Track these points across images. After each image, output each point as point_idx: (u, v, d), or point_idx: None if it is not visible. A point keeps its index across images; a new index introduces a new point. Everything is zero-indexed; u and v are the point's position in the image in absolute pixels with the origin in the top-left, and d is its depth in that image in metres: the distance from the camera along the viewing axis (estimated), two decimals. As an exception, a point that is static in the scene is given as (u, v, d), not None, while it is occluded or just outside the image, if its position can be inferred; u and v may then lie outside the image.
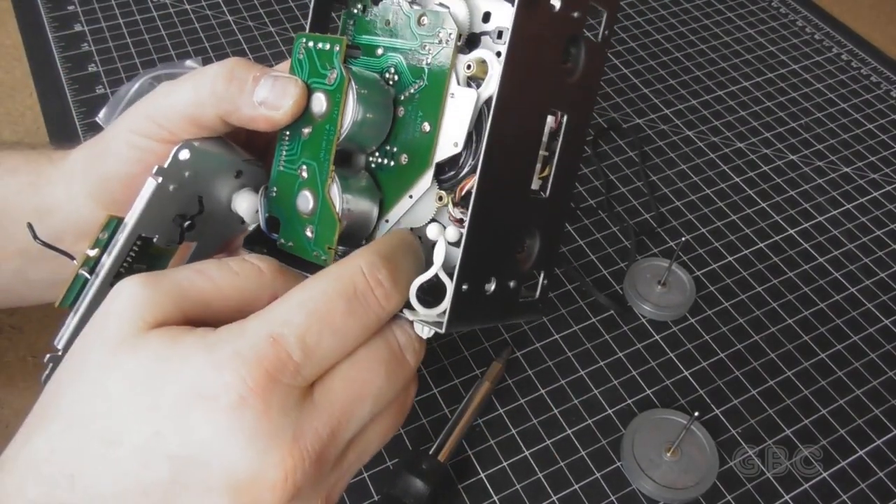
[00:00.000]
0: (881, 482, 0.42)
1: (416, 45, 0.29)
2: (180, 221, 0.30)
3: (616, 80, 0.65)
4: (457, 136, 0.28)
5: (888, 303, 0.50)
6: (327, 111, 0.29)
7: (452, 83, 0.28)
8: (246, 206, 0.31)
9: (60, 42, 0.63)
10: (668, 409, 0.43)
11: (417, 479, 0.37)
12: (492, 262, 0.28)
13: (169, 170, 0.29)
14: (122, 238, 0.29)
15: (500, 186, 0.28)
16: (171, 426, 0.23)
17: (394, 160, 0.30)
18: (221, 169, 0.31)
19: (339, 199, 0.29)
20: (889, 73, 0.67)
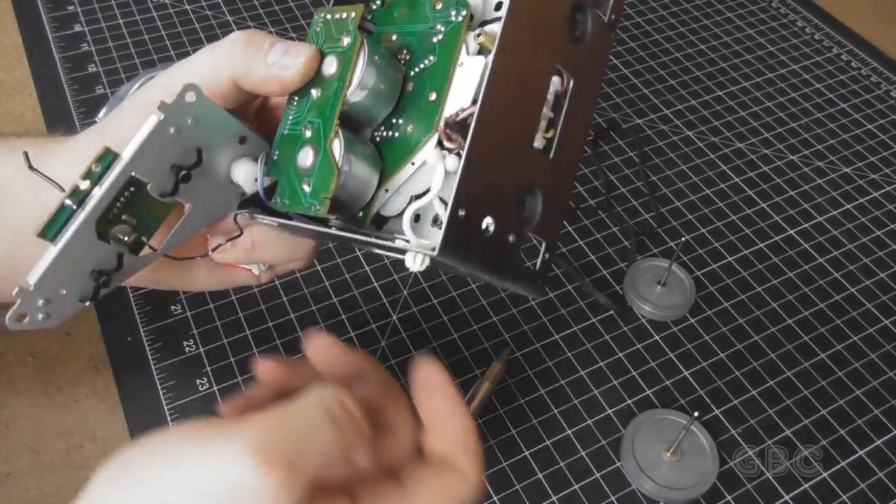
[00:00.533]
0: (881, 482, 0.42)
1: (429, 26, 0.30)
2: (177, 170, 0.30)
3: (616, 80, 0.65)
4: (463, 100, 0.28)
5: (888, 303, 0.50)
6: (338, 71, 0.30)
7: (462, 53, 0.29)
8: (244, 173, 0.31)
9: (60, 42, 0.63)
10: (668, 410, 0.43)
11: (417, 480, 0.37)
12: (490, 198, 0.28)
13: (172, 107, 0.29)
14: (116, 172, 0.29)
15: (501, 123, 0.28)
16: None
17: (398, 131, 0.30)
18: (225, 128, 0.31)
19: (341, 152, 0.29)
20: (889, 73, 0.67)
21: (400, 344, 0.46)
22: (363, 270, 0.49)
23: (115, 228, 0.30)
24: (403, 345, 0.45)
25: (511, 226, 0.29)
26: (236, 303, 0.47)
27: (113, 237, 0.30)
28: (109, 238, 0.30)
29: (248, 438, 0.22)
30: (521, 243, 0.30)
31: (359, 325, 0.46)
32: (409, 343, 0.46)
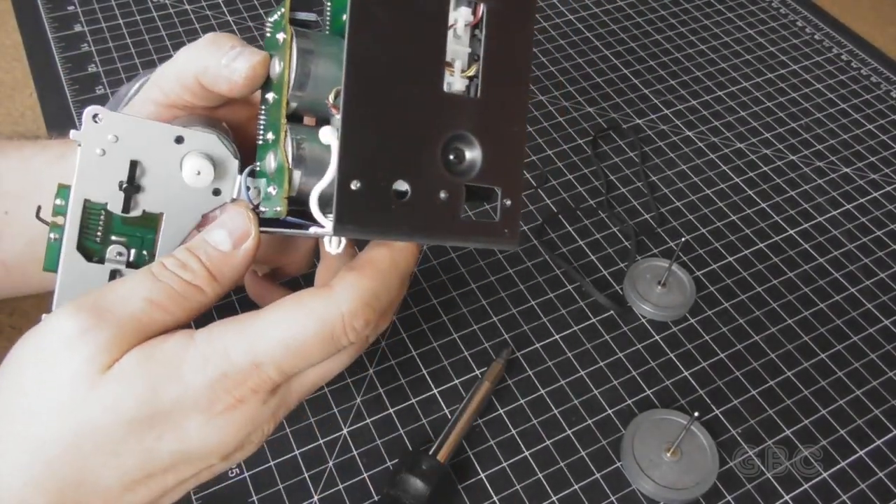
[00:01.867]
0: (881, 482, 0.42)
1: None
2: (121, 186, 0.31)
3: (616, 80, 0.65)
4: None
5: (888, 303, 0.50)
6: (280, 71, 0.29)
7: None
8: (187, 167, 0.31)
9: (60, 42, 0.63)
10: (668, 410, 0.43)
11: (417, 479, 0.37)
12: (396, 162, 0.26)
13: (85, 133, 0.29)
14: (71, 203, 0.30)
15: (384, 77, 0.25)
16: (170, 428, 0.27)
17: None
18: (152, 134, 0.31)
19: (291, 147, 0.28)
20: (889, 74, 0.67)
21: (400, 344, 0.46)
22: (363, 270, 0.49)
23: (108, 250, 0.32)
24: (403, 345, 0.46)
25: (440, 183, 0.26)
26: (236, 303, 0.47)
27: (109, 259, 0.32)
28: (104, 260, 0.32)
29: (70, 304, 0.27)
30: (458, 198, 0.27)
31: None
32: (409, 343, 0.46)
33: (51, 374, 0.27)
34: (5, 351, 0.46)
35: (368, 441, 0.41)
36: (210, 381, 0.27)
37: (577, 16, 0.71)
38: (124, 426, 0.26)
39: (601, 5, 0.72)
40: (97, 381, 0.26)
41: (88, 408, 0.26)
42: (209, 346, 0.28)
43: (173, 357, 0.27)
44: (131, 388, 0.26)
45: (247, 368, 0.27)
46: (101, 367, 0.26)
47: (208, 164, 0.31)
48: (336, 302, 0.28)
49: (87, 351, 0.26)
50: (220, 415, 0.27)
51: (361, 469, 0.40)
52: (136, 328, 0.27)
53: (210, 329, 0.28)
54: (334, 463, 0.41)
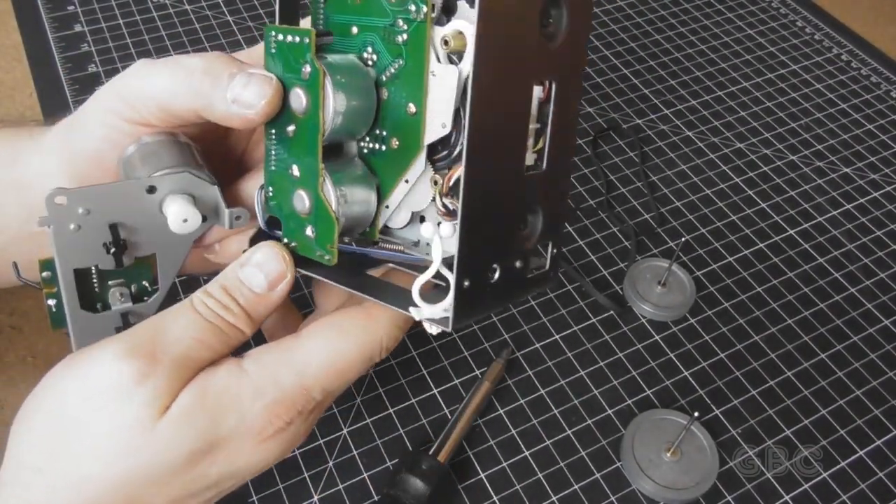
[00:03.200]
0: (881, 482, 0.42)
1: (390, 22, 0.28)
2: (107, 249, 0.30)
3: (616, 80, 0.65)
4: (444, 117, 0.27)
5: (888, 303, 0.50)
6: (307, 107, 0.28)
7: (432, 61, 0.27)
8: (171, 214, 0.30)
9: (60, 42, 0.63)
10: (668, 410, 0.43)
11: (417, 479, 0.37)
12: (493, 250, 0.27)
13: (53, 217, 0.29)
14: (60, 277, 0.30)
15: (491, 170, 0.26)
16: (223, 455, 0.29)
17: (385, 144, 0.29)
18: (123, 195, 0.30)
19: (335, 196, 0.29)
20: (889, 73, 0.67)
21: (400, 344, 0.45)
22: (363, 270, 0.49)
23: (109, 295, 0.32)
24: (404, 345, 0.45)
25: (516, 256, 0.28)
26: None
27: (112, 301, 0.32)
28: (109, 305, 0.32)
29: (116, 340, 0.28)
30: (528, 263, 0.29)
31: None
32: (409, 343, 0.46)
33: (108, 419, 0.27)
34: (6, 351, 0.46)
35: (368, 441, 0.41)
36: (264, 409, 0.29)
37: None
38: (182, 461, 0.28)
39: (601, 5, 0.72)
40: (157, 425, 0.27)
41: (149, 450, 0.27)
42: (261, 375, 0.29)
43: (228, 390, 0.29)
44: (192, 426, 0.28)
45: (297, 394, 0.29)
46: (160, 409, 0.27)
47: (193, 210, 0.30)
48: (376, 329, 0.30)
49: (145, 396, 0.27)
50: (270, 438, 0.29)
51: (361, 469, 0.40)
52: (188, 367, 0.28)
53: (257, 358, 0.30)
54: (334, 463, 0.41)
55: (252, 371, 0.29)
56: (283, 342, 0.30)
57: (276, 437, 0.30)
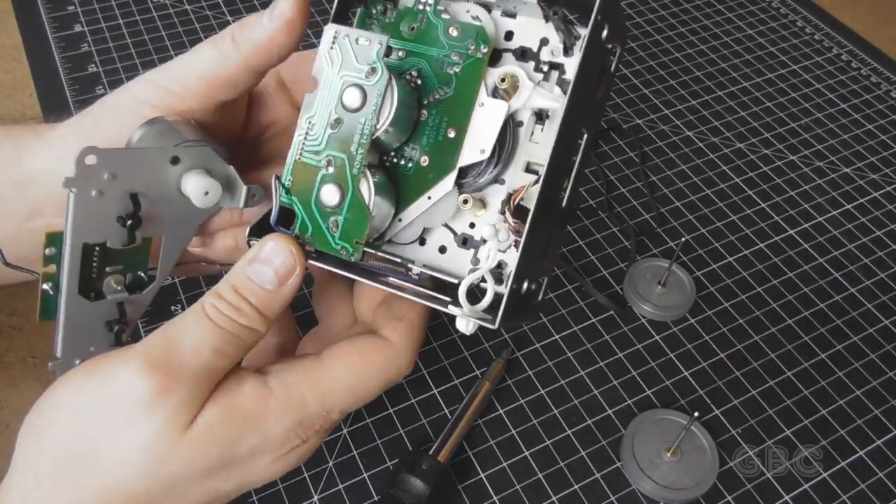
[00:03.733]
0: (881, 482, 0.42)
1: (444, 53, 0.30)
2: (123, 222, 0.30)
3: (616, 80, 0.65)
4: (484, 144, 0.30)
5: (888, 303, 0.50)
6: (362, 105, 0.29)
7: (482, 93, 0.30)
8: (192, 187, 0.30)
9: (60, 42, 0.63)
10: (668, 410, 0.43)
11: (417, 479, 0.37)
12: (533, 266, 0.30)
13: (78, 178, 0.28)
14: (68, 251, 0.29)
15: (549, 199, 0.29)
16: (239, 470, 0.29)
17: (412, 161, 0.31)
18: (148, 162, 0.30)
19: (371, 194, 0.30)
20: (889, 74, 0.67)
21: (400, 344, 0.46)
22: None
23: (105, 283, 0.31)
24: (403, 345, 0.45)
25: (536, 277, 0.30)
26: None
27: (107, 290, 0.31)
28: (104, 293, 0.31)
29: (134, 355, 0.28)
30: (541, 287, 0.31)
31: (359, 325, 0.46)
32: (409, 343, 0.46)
33: (134, 434, 0.27)
34: (6, 351, 0.46)
35: (368, 441, 0.41)
36: (286, 430, 0.30)
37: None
38: (202, 475, 0.28)
39: (601, 5, 0.72)
40: (181, 440, 0.28)
41: (174, 464, 0.28)
42: (287, 396, 0.30)
43: (254, 409, 0.29)
44: (216, 443, 0.28)
45: (318, 416, 0.30)
46: (184, 425, 0.28)
47: (213, 182, 0.30)
48: (397, 357, 0.32)
49: (167, 412, 0.27)
50: (287, 454, 0.30)
51: (361, 469, 0.40)
52: (209, 378, 0.29)
53: (282, 377, 0.30)
54: (334, 463, 0.41)
55: (277, 391, 0.29)
56: (306, 363, 0.31)
57: (293, 453, 0.31)
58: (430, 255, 0.33)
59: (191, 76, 0.31)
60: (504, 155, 0.30)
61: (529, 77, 0.30)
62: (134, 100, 0.32)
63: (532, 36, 0.31)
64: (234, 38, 0.31)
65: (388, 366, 0.31)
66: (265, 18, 0.31)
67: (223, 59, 0.31)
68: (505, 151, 0.30)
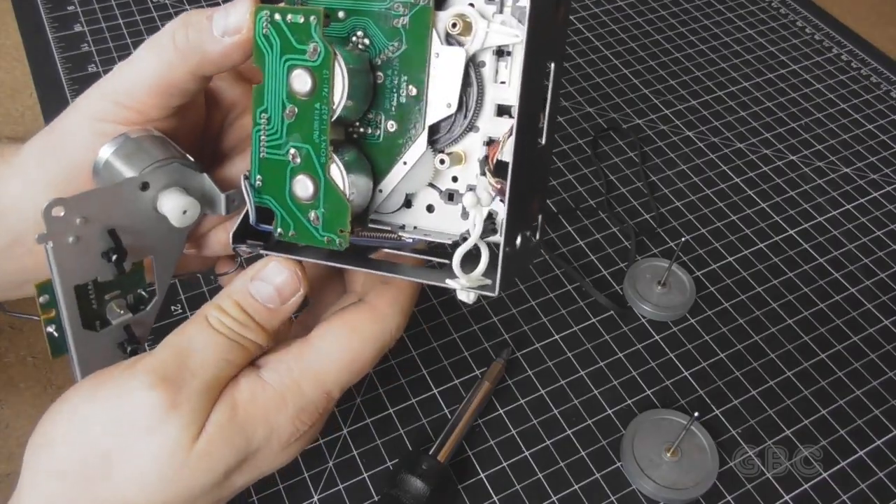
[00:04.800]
0: (881, 482, 0.42)
1: (386, 6, 0.28)
2: (108, 257, 0.30)
3: (616, 80, 0.65)
4: (449, 97, 0.28)
5: (888, 303, 0.50)
6: (313, 89, 0.28)
7: (435, 42, 0.28)
8: (170, 208, 0.30)
9: (60, 42, 0.63)
10: (668, 410, 0.43)
11: (417, 480, 0.37)
12: (521, 217, 0.29)
13: (51, 233, 0.28)
14: (61, 298, 0.29)
15: (526, 148, 0.28)
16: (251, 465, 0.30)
17: (379, 129, 0.30)
18: (121, 195, 0.29)
19: (345, 180, 0.29)
20: (889, 74, 0.67)
21: (400, 344, 0.46)
22: (363, 270, 0.49)
23: (108, 309, 0.31)
24: (403, 345, 0.45)
25: (528, 226, 0.29)
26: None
27: (111, 316, 0.32)
28: (109, 320, 0.32)
29: (141, 369, 0.28)
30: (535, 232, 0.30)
31: (359, 325, 0.46)
32: (409, 343, 0.46)
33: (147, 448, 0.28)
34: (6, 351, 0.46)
35: (368, 441, 0.41)
36: (291, 418, 0.30)
37: (576, 16, 0.71)
38: (219, 478, 0.29)
39: (601, 5, 0.72)
40: (195, 447, 0.28)
41: (191, 473, 0.28)
42: (283, 386, 0.30)
43: (254, 404, 0.29)
44: (228, 445, 0.28)
45: (319, 399, 0.30)
46: (195, 434, 0.28)
47: (190, 200, 0.30)
48: (386, 322, 0.31)
49: (180, 422, 0.28)
50: (295, 442, 0.30)
51: (361, 469, 0.40)
52: (216, 387, 0.29)
53: (274, 367, 0.30)
54: (334, 463, 0.41)
55: (273, 382, 0.30)
56: (295, 347, 0.31)
57: (300, 440, 0.31)
58: (419, 216, 0.31)
59: (140, 88, 0.30)
60: (472, 102, 0.29)
61: (482, 14, 0.28)
62: (91, 118, 0.31)
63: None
64: (178, 45, 0.29)
65: (378, 334, 0.31)
66: (217, 28, 0.29)
67: (169, 68, 0.30)
68: (472, 98, 0.29)
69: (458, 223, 0.31)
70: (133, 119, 0.31)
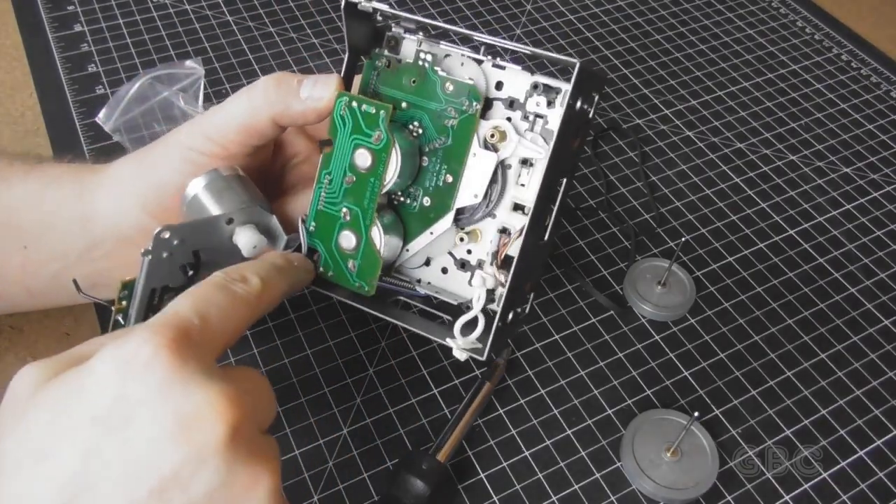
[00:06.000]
0: (881, 482, 0.42)
1: (442, 107, 0.35)
2: (185, 270, 0.35)
3: (616, 80, 0.65)
4: (477, 189, 0.35)
5: (888, 303, 0.50)
6: (372, 166, 0.35)
7: (475, 145, 0.35)
8: (244, 242, 0.36)
9: (60, 42, 0.63)
10: (668, 410, 0.43)
11: (417, 480, 0.37)
12: (517, 300, 0.35)
13: (155, 249, 0.34)
14: (139, 296, 0.35)
15: (530, 243, 0.33)
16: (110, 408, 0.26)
17: (416, 201, 0.37)
18: (210, 227, 0.35)
19: (381, 241, 0.35)
20: (889, 74, 0.67)
21: (400, 344, 0.46)
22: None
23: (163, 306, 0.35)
24: (403, 345, 0.46)
25: (521, 304, 0.36)
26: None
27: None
28: None
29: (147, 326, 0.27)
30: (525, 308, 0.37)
31: (359, 325, 0.46)
32: (409, 343, 0.46)
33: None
34: (6, 351, 0.46)
35: (368, 441, 0.41)
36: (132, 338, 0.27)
37: (576, 16, 0.71)
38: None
39: (601, 5, 0.72)
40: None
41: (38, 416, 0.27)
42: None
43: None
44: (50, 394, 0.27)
45: (167, 315, 0.28)
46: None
47: (261, 237, 0.36)
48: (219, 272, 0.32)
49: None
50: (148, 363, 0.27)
51: (361, 469, 0.40)
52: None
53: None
54: (334, 463, 0.41)
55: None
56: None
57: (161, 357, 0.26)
58: (434, 275, 0.38)
59: (228, 126, 0.36)
60: (495, 195, 0.35)
61: (517, 129, 0.35)
62: (183, 147, 0.37)
63: (520, 87, 0.35)
64: (268, 95, 0.36)
65: (213, 276, 0.31)
66: (303, 92, 0.35)
67: (255, 113, 0.36)
68: (496, 192, 0.35)
69: (465, 288, 0.38)
70: (217, 153, 0.37)
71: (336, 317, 0.47)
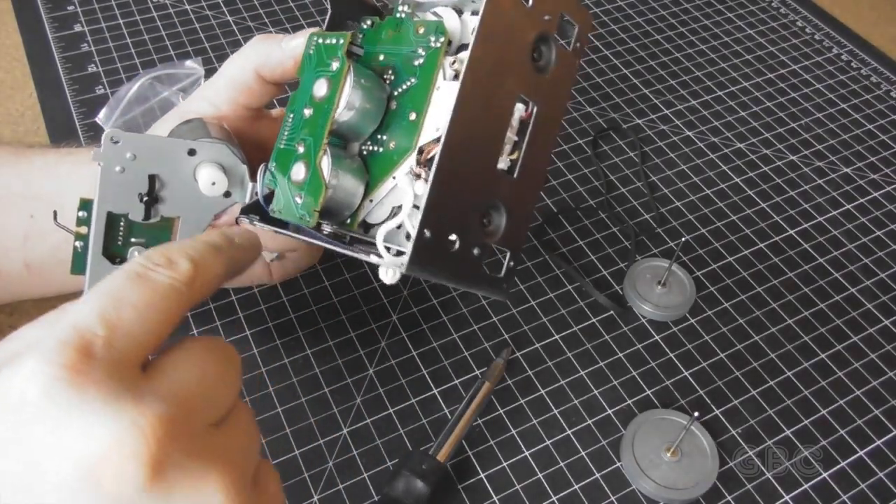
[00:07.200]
0: (881, 482, 0.42)
1: (412, 49, 0.33)
2: (141, 198, 0.34)
3: (616, 80, 0.65)
4: (439, 123, 0.32)
5: (888, 303, 0.50)
6: (327, 93, 0.33)
7: (439, 78, 0.32)
8: (203, 178, 0.34)
9: (60, 42, 0.63)
10: (668, 410, 0.43)
11: (417, 480, 0.37)
12: (455, 218, 0.31)
13: (104, 153, 0.33)
14: (94, 214, 0.34)
15: (465, 152, 0.31)
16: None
17: (383, 146, 0.34)
18: (166, 150, 0.34)
19: (329, 169, 0.32)
20: (889, 74, 0.67)
21: (400, 344, 0.46)
22: (363, 271, 0.49)
23: (129, 252, 0.35)
24: (403, 345, 0.46)
25: (476, 240, 0.32)
26: (236, 303, 0.47)
27: (130, 258, 0.35)
28: (126, 260, 0.35)
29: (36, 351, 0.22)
30: (485, 255, 0.33)
31: (359, 325, 0.46)
32: (409, 343, 0.46)
33: None
34: (5, 351, 0.46)
35: (368, 441, 0.41)
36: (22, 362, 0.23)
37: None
38: None
39: (601, 5, 0.72)
40: None
41: None
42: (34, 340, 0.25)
43: None
44: None
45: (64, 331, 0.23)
46: None
47: (221, 175, 0.34)
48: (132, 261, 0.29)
49: None
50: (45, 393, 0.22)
51: (361, 469, 0.40)
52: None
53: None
54: (334, 463, 0.41)
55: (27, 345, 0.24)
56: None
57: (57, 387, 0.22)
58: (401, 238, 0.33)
59: (219, 83, 0.39)
60: None
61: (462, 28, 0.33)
62: (181, 111, 0.39)
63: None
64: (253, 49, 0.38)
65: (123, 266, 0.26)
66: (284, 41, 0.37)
67: (241, 67, 0.39)
68: None
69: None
70: (206, 110, 0.39)
71: (336, 317, 0.47)
